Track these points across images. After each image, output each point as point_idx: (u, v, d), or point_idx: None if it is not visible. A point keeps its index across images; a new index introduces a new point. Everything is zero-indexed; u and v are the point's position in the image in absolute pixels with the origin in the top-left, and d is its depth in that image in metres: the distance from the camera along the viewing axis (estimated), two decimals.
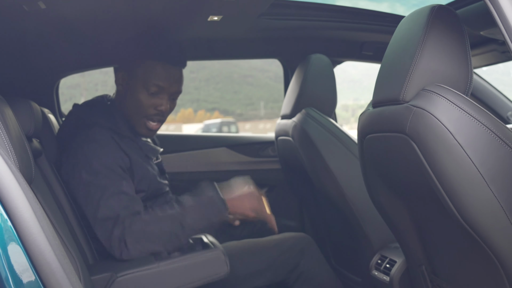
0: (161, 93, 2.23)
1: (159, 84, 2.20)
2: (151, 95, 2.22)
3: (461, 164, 1.37)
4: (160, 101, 2.23)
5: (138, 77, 2.23)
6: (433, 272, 1.81)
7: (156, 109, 2.24)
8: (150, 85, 2.21)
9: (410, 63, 1.51)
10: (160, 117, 2.28)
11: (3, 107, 1.48)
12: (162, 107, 2.24)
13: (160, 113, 2.25)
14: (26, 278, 1.04)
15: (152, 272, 1.87)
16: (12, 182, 1.06)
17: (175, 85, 2.25)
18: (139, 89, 2.23)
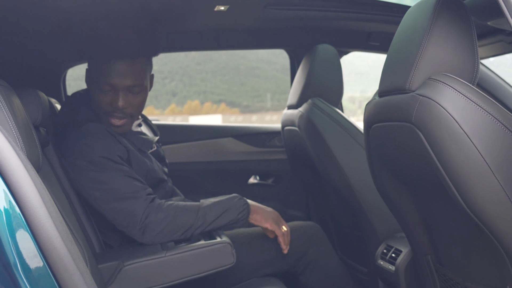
0: (114, 90, 2.17)
1: (109, 82, 2.16)
2: (105, 93, 2.18)
3: (467, 153, 1.37)
4: (114, 98, 2.18)
5: (94, 76, 2.21)
6: (439, 262, 1.82)
7: (112, 106, 2.19)
8: (102, 84, 2.17)
9: (417, 52, 1.51)
10: (121, 114, 2.21)
11: (11, 96, 1.49)
12: (118, 104, 2.17)
13: (118, 109, 2.19)
14: (34, 263, 1.05)
15: (159, 261, 1.88)
16: (20, 168, 1.07)
17: (126, 80, 2.16)
18: (96, 88, 2.21)
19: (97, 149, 2.14)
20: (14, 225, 1.04)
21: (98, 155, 2.13)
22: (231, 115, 38.89)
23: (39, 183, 1.09)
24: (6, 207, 1.04)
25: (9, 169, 1.06)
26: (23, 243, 1.04)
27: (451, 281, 1.76)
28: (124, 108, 2.20)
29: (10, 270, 1.01)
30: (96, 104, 2.23)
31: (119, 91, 2.17)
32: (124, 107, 2.19)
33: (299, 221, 2.87)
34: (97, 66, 2.19)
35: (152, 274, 1.87)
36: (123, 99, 2.18)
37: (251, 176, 3.54)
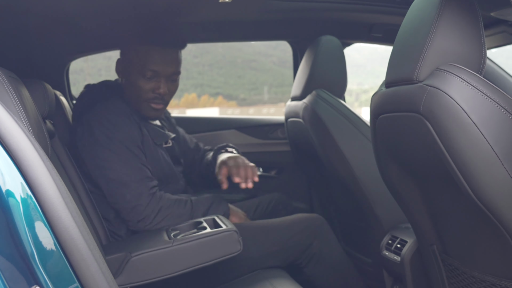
0: (157, 77, 2.30)
1: (153, 69, 2.28)
2: (148, 80, 2.30)
3: (476, 143, 1.38)
4: (157, 85, 2.31)
5: (134, 63, 2.30)
6: (445, 252, 1.82)
7: (154, 93, 2.32)
8: (145, 70, 2.28)
9: (424, 42, 1.51)
10: (161, 100, 2.35)
11: (20, 88, 1.49)
12: (160, 90, 2.31)
13: (159, 96, 2.33)
14: (51, 254, 1.06)
15: (166, 251, 1.88)
16: (37, 159, 1.07)
17: (170, 67, 2.32)
18: (136, 75, 2.31)
19: (118, 128, 2.23)
20: (31, 215, 1.05)
21: (117, 135, 2.21)
22: (228, 108, 38.84)
23: (55, 174, 1.10)
24: (23, 197, 1.05)
25: (26, 160, 1.06)
26: (40, 233, 1.05)
27: (458, 271, 1.76)
28: (165, 95, 2.34)
29: (28, 260, 1.01)
30: (134, 91, 2.33)
31: (162, 77, 2.31)
32: (165, 93, 2.33)
33: (303, 213, 2.88)
34: (139, 53, 2.29)
35: (160, 264, 1.87)
36: (165, 86, 2.32)
37: None
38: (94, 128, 2.26)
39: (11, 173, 1.05)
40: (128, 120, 2.27)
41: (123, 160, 2.20)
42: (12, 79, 1.46)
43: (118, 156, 2.20)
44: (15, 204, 1.03)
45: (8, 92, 1.35)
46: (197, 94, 40.69)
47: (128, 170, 2.19)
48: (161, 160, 2.35)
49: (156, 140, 2.36)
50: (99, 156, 2.21)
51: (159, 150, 2.38)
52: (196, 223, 2.11)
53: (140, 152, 2.26)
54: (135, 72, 2.31)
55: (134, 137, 2.25)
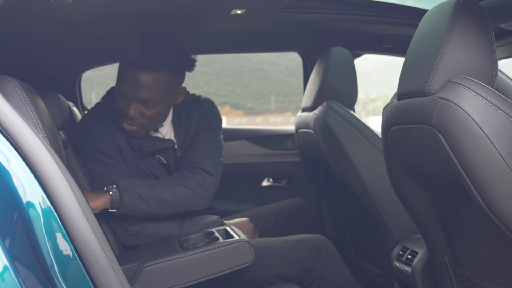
0: (126, 98, 2.15)
1: (122, 90, 2.15)
2: (120, 99, 2.18)
3: (488, 155, 1.38)
4: (126, 105, 2.17)
5: (116, 79, 2.22)
6: (456, 263, 1.82)
7: (124, 112, 2.18)
8: (117, 88, 2.19)
9: (436, 55, 1.52)
10: (132, 121, 2.19)
11: (36, 99, 1.51)
12: (128, 112, 2.16)
13: (128, 117, 2.18)
14: (70, 265, 1.07)
15: (178, 261, 1.89)
16: (56, 171, 1.09)
17: (139, 92, 2.12)
18: (115, 91, 2.23)
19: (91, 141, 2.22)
20: (51, 227, 1.06)
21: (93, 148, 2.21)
22: (235, 117, 38.80)
23: (74, 186, 1.11)
24: (43, 209, 1.06)
25: (46, 172, 1.08)
26: (60, 245, 1.06)
27: (469, 282, 1.76)
28: (135, 118, 2.17)
29: (48, 272, 1.02)
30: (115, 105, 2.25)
31: (131, 101, 2.14)
32: (134, 117, 2.16)
33: (310, 224, 2.88)
34: (119, 70, 2.19)
35: (172, 274, 1.87)
36: (134, 110, 2.15)
37: (264, 178, 3.55)
38: (76, 144, 2.28)
39: (32, 185, 1.07)
40: (101, 133, 2.22)
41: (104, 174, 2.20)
42: (29, 91, 1.47)
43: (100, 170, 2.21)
44: (35, 215, 1.05)
45: (25, 104, 1.37)
46: None
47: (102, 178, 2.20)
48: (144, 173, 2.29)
49: (135, 153, 2.26)
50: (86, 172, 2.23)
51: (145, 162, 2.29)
52: (208, 234, 2.12)
53: (119, 163, 2.23)
54: (115, 88, 2.22)
55: (110, 149, 2.22)
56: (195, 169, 2.31)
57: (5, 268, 0.96)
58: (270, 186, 3.54)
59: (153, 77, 2.11)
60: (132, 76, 2.11)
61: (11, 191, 1.04)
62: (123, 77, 2.14)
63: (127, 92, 2.12)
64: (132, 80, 2.11)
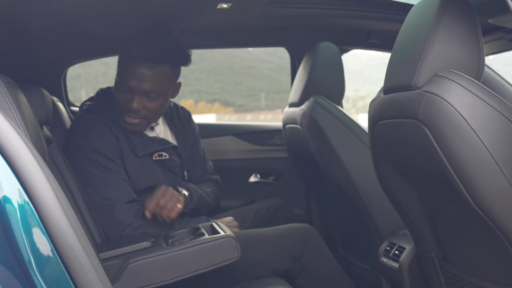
0: (130, 91, 2.23)
1: (126, 83, 2.22)
2: (122, 92, 2.25)
3: (474, 149, 1.38)
4: (129, 99, 2.24)
5: (117, 74, 2.28)
6: (443, 258, 1.82)
7: (127, 106, 2.25)
8: (120, 83, 2.24)
9: (422, 49, 1.51)
10: (135, 114, 2.26)
11: (18, 94, 1.49)
12: (132, 105, 2.23)
13: (132, 110, 2.25)
14: (48, 260, 1.05)
15: (163, 257, 1.87)
16: (34, 165, 1.07)
17: (144, 84, 2.21)
18: (116, 86, 2.29)
19: (91, 142, 2.22)
20: (28, 222, 1.04)
21: (91, 148, 2.21)
22: (225, 115, 38.87)
23: (52, 180, 1.09)
24: (20, 204, 1.04)
25: (23, 165, 1.06)
26: (37, 240, 1.04)
27: (456, 278, 1.76)
28: (138, 111, 2.25)
29: (25, 267, 1.01)
30: (115, 100, 2.30)
31: (135, 94, 2.22)
32: (138, 110, 2.24)
33: (298, 219, 2.87)
34: (120, 64, 2.26)
35: (158, 270, 1.86)
36: (138, 102, 2.23)
37: (251, 174, 3.55)
38: (70, 143, 2.28)
39: (8, 179, 1.05)
40: (102, 134, 2.25)
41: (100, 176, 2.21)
42: (10, 84, 1.45)
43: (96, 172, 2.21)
44: (12, 210, 1.03)
45: (5, 98, 1.35)
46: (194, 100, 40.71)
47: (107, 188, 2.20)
48: (144, 173, 2.31)
49: (139, 152, 2.30)
50: (78, 171, 2.22)
51: (144, 162, 2.33)
52: (194, 229, 2.10)
53: (117, 166, 2.24)
54: (115, 82, 2.28)
55: (109, 150, 2.23)
56: (216, 182, 2.64)
57: None
58: (258, 182, 3.54)
59: (156, 69, 2.22)
60: (137, 68, 2.20)
61: None
62: (127, 70, 2.22)
63: (132, 84, 2.21)
64: (137, 73, 2.20)
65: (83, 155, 2.22)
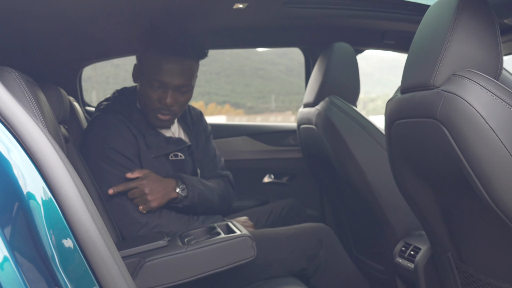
0: (164, 87, 2.26)
1: (160, 79, 2.24)
2: (155, 90, 2.27)
3: (493, 148, 1.37)
4: (164, 95, 2.27)
5: (144, 71, 2.29)
6: (459, 259, 1.81)
7: (160, 103, 2.28)
8: (153, 80, 2.25)
9: (441, 48, 1.51)
10: (167, 111, 2.31)
11: (38, 92, 1.50)
12: (167, 101, 2.27)
13: (166, 107, 2.29)
14: (71, 256, 1.05)
15: (180, 256, 1.87)
16: (58, 161, 1.07)
17: (177, 79, 2.25)
18: (145, 83, 2.29)
19: (109, 141, 2.23)
20: (52, 218, 1.05)
21: (109, 147, 2.22)
22: (236, 116, 38.89)
23: (75, 177, 1.10)
24: (44, 200, 1.05)
25: (47, 162, 1.06)
26: (60, 236, 1.05)
27: (473, 278, 1.76)
28: (171, 106, 2.29)
29: (48, 263, 1.01)
30: (143, 99, 2.32)
31: (169, 89, 2.26)
32: (171, 105, 2.28)
33: (312, 220, 2.87)
34: (150, 62, 2.27)
35: (174, 269, 1.86)
36: (171, 97, 2.27)
37: (265, 174, 3.55)
38: (88, 141, 2.29)
39: (32, 176, 1.06)
40: (121, 133, 2.26)
41: (117, 175, 2.21)
42: (30, 83, 1.46)
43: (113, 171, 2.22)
44: (36, 206, 1.03)
45: (26, 96, 1.36)
46: (204, 102, 40.77)
47: None
48: (159, 173, 2.31)
49: (153, 153, 2.33)
50: (95, 170, 2.22)
51: (160, 162, 2.35)
52: (209, 229, 2.11)
53: (134, 165, 2.25)
54: (145, 80, 2.29)
55: (127, 149, 2.25)
56: (226, 178, 2.63)
57: (5, 258, 0.95)
58: (272, 182, 3.54)
59: (186, 63, 2.27)
60: (170, 63, 2.23)
61: (12, 181, 1.03)
62: (158, 66, 2.24)
63: (166, 80, 2.24)
64: (170, 68, 2.24)
65: (101, 154, 2.22)
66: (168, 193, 2.23)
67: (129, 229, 2.18)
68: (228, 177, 2.66)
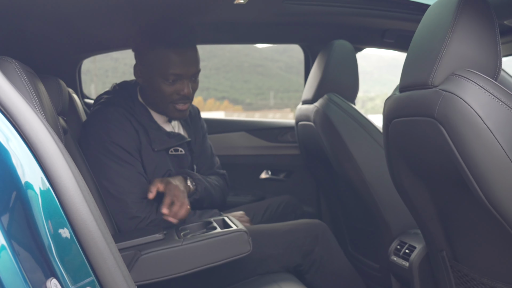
0: (180, 79, 2.28)
1: (175, 72, 2.25)
2: (171, 84, 2.27)
3: (490, 149, 1.38)
4: (181, 87, 2.29)
5: (155, 67, 2.27)
6: (454, 258, 1.82)
7: (179, 94, 2.29)
8: (168, 74, 2.26)
9: (440, 47, 1.52)
10: (186, 100, 2.33)
11: (37, 83, 1.50)
12: (185, 91, 2.28)
13: (184, 97, 2.31)
14: (68, 247, 1.06)
15: (175, 250, 1.88)
16: (56, 151, 1.08)
17: (191, 68, 2.29)
18: (159, 79, 2.28)
19: (111, 134, 2.22)
20: (49, 208, 1.05)
21: (110, 141, 2.21)
22: (234, 112, 38.84)
23: (73, 167, 1.10)
24: (42, 190, 1.05)
25: (45, 152, 1.07)
26: (57, 226, 1.05)
27: (467, 277, 1.76)
28: (189, 94, 2.31)
29: (45, 253, 1.01)
30: (158, 94, 2.32)
31: (185, 79, 2.28)
32: (189, 94, 2.31)
33: (308, 217, 2.88)
34: (159, 58, 2.26)
35: (170, 262, 1.86)
36: (188, 87, 2.30)
37: (263, 170, 3.55)
38: (88, 134, 2.28)
39: (31, 165, 1.06)
40: (123, 127, 2.26)
41: (117, 170, 2.21)
42: (29, 73, 1.47)
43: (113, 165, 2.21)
44: (34, 196, 1.03)
45: (25, 86, 1.37)
46: (203, 97, 40.71)
47: (123, 181, 2.20)
48: (159, 168, 2.33)
49: (156, 146, 2.32)
50: (94, 163, 2.22)
51: (160, 156, 2.35)
52: (206, 223, 2.11)
53: (135, 160, 2.25)
54: (157, 76, 2.27)
55: (128, 144, 2.24)
56: (223, 177, 2.67)
57: (2, 247, 0.95)
58: (269, 178, 3.54)
59: (195, 51, 2.32)
60: (183, 55, 2.26)
61: (10, 170, 1.03)
62: (173, 60, 2.25)
63: (182, 71, 2.26)
64: (184, 59, 2.27)
65: (102, 147, 2.22)
66: (185, 186, 2.27)
67: (127, 223, 2.18)
68: (225, 176, 2.69)
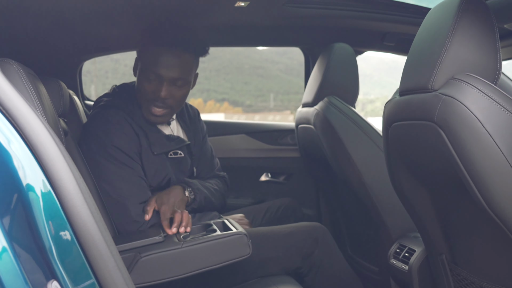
0: (159, 80, 2.26)
1: (155, 71, 2.25)
2: (150, 82, 2.27)
3: (489, 153, 1.38)
4: (159, 88, 2.27)
5: (142, 64, 2.30)
6: (453, 261, 1.82)
7: (154, 95, 2.28)
8: (149, 72, 2.26)
9: (440, 51, 1.52)
10: (162, 104, 2.30)
11: (38, 85, 1.50)
12: (161, 93, 2.26)
13: (160, 99, 2.28)
14: (69, 249, 1.06)
15: (175, 252, 1.88)
16: (57, 154, 1.08)
17: (171, 71, 2.25)
18: (142, 76, 2.30)
19: (111, 137, 2.22)
20: (50, 210, 1.05)
21: (111, 144, 2.21)
22: (234, 114, 38.86)
23: (74, 170, 1.10)
24: (43, 192, 1.05)
25: (47, 154, 1.07)
26: (58, 228, 1.05)
27: (466, 281, 1.76)
28: (166, 99, 2.28)
29: (46, 255, 1.01)
30: (139, 91, 2.32)
31: (164, 81, 2.25)
32: (165, 98, 2.28)
33: (308, 220, 2.88)
34: (147, 54, 2.28)
35: (169, 265, 1.86)
36: (166, 90, 2.26)
37: (263, 173, 3.55)
38: (88, 137, 2.28)
39: (32, 167, 1.06)
40: (123, 130, 2.26)
41: (117, 173, 2.21)
42: (31, 75, 1.47)
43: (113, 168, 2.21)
44: (35, 198, 1.04)
45: (27, 88, 1.37)
46: (203, 99, 40.72)
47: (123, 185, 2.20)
48: (159, 171, 2.33)
49: (155, 150, 2.32)
50: (94, 165, 2.22)
51: (160, 159, 2.35)
52: (205, 226, 2.11)
53: (135, 163, 2.25)
54: (141, 73, 2.30)
55: (129, 147, 2.24)
56: (223, 179, 2.68)
57: (4, 249, 0.95)
58: (269, 181, 3.54)
59: (183, 57, 2.28)
60: (166, 56, 2.25)
61: (11, 172, 1.03)
62: (155, 58, 2.25)
63: (162, 72, 2.24)
64: (166, 60, 2.25)
65: (102, 150, 2.21)
66: (182, 198, 2.27)
67: (127, 226, 2.18)
68: (225, 178, 2.69)
